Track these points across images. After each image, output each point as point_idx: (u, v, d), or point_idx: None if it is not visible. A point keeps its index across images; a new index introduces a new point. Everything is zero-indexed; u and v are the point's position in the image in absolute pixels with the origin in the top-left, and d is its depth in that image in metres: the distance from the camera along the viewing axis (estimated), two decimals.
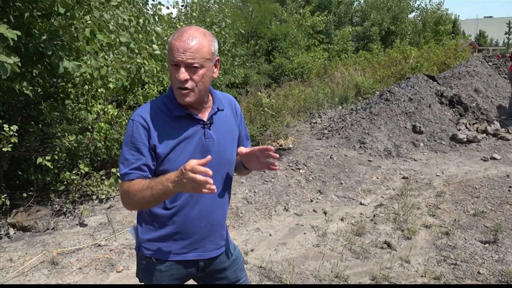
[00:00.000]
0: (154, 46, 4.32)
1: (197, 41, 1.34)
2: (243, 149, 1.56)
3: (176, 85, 1.38)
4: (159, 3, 5.36)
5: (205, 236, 1.53)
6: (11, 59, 2.78)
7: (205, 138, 1.47)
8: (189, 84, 1.37)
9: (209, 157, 1.22)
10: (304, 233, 3.94)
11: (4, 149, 3.51)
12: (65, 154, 4.25)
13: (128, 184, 1.38)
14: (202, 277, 1.64)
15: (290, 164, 5.62)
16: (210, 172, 1.19)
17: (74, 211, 4.20)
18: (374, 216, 4.36)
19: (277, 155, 1.47)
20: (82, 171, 4.27)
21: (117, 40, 4.08)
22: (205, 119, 1.48)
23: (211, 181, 1.18)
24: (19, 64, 2.93)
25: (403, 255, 3.50)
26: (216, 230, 1.57)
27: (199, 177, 1.17)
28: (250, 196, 4.65)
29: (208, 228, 1.53)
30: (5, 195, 3.76)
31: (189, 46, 1.33)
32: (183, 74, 1.34)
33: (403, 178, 5.63)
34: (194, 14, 8.61)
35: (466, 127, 7.91)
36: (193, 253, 1.53)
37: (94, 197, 4.44)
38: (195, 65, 1.35)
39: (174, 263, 1.52)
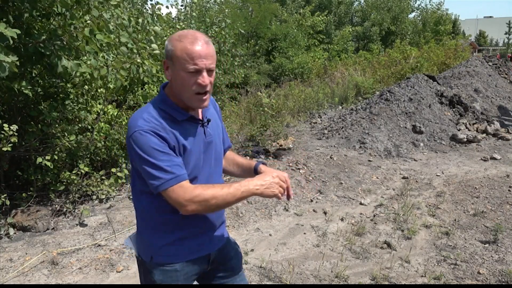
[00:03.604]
0: (154, 45, 4.31)
1: (212, 46, 1.37)
2: None
3: (196, 91, 1.37)
4: (158, 2, 5.34)
5: (215, 227, 1.60)
6: (10, 58, 2.77)
7: (206, 137, 1.50)
8: (208, 87, 1.38)
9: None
10: (304, 233, 3.93)
11: (4, 149, 3.51)
12: (65, 154, 4.25)
13: (193, 188, 1.35)
14: (210, 271, 1.64)
15: (290, 164, 5.62)
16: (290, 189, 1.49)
17: (74, 211, 4.20)
18: (374, 216, 4.36)
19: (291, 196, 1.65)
20: (82, 171, 4.26)
21: (117, 40, 4.07)
22: (200, 118, 1.51)
23: (290, 192, 1.49)
24: (18, 63, 2.92)
25: (403, 255, 3.50)
26: (221, 220, 1.64)
27: (286, 184, 1.44)
28: None
29: (216, 220, 1.60)
30: (5, 195, 3.75)
31: (209, 51, 1.34)
32: (208, 78, 1.36)
33: (403, 178, 5.62)
34: (194, 14, 8.60)
35: (466, 127, 7.91)
36: (208, 246, 1.57)
37: (94, 197, 4.43)
38: (213, 68, 1.38)
39: (189, 260, 1.52)
